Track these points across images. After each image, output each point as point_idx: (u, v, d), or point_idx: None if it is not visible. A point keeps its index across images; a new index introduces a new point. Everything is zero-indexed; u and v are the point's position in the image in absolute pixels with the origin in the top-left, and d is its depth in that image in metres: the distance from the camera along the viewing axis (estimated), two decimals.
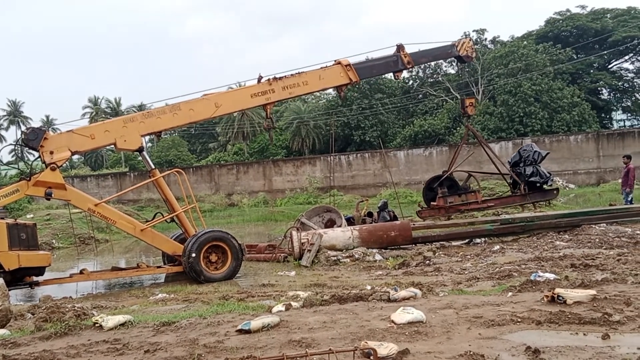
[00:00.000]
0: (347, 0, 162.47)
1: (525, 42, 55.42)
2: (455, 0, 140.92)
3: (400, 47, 14.45)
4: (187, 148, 71.16)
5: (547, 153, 17.39)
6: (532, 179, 16.51)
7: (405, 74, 63.03)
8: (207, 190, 43.87)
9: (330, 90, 69.43)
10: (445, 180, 17.44)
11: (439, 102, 58.03)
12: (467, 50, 15.59)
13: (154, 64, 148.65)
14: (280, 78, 12.85)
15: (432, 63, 60.51)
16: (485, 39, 60.43)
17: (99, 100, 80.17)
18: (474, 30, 58.46)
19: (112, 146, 11.89)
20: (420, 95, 61.17)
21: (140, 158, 13.10)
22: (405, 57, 14.44)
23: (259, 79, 12.76)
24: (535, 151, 16.82)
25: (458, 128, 48.78)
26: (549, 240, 12.69)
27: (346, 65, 13.58)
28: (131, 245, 22.21)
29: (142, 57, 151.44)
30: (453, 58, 16.28)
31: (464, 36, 16.12)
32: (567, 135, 40.27)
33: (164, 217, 12.46)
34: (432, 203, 17.43)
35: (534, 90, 47.97)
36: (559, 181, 35.90)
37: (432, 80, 61.30)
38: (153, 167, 12.44)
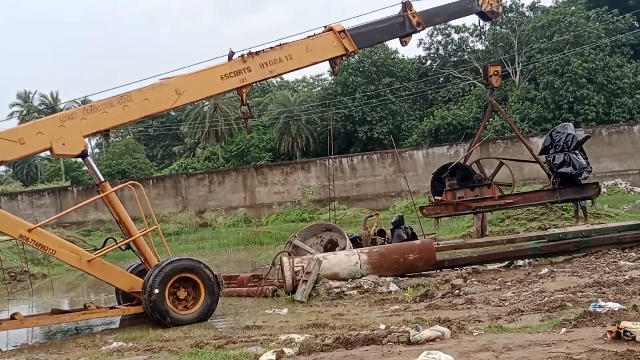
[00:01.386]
0: None
1: (573, 8, 55.71)
2: None
3: (407, 5, 14.53)
4: (145, 154, 71.26)
5: (587, 137, 17.10)
6: (562, 169, 16.28)
7: (421, 50, 63.56)
8: (172, 207, 43.87)
9: (327, 75, 69.93)
10: (458, 170, 17.32)
11: (465, 86, 58.27)
12: (490, 4, 15.72)
13: (101, 48, 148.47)
14: (258, 53, 12.87)
15: (456, 37, 60.87)
16: (522, 4, 60.87)
17: (31, 96, 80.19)
18: None
19: (48, 152, 11.86)
20: (442, 79, 61.42)
21: (85, 167, 13.07)
22: (413, 16, 14.52)
23: (230, 55, 12.77)
24: (569, 134, 16.53)
25: (491, 120, 48.94)
26: (611, 259, 12.71)
27: (340, 32, 13.63)
28: (76, 280, 22.12)
29: (85, 40, 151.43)
30: (475, 15, 16.32)
31: None
32: (630, 125, 40.47)
33: (117, 243, 12.42)
34: (435, 197, 17.44)
35: (586, 68, 48.22)
36: (621, 183, 36.05)
37: (455, 59, 61.54)
38: (102, 179, 12.41)
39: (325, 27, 13.80)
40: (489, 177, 17.70)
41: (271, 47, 13.03)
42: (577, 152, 16.41)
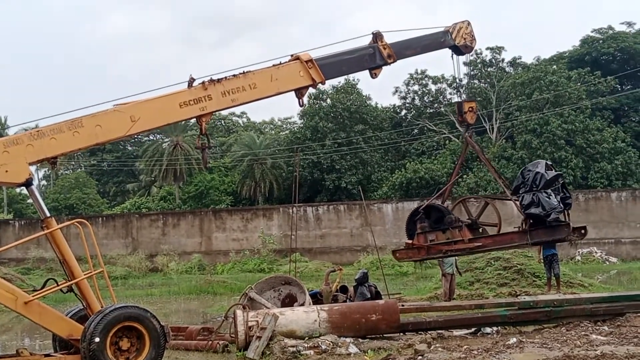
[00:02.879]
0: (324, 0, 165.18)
1: (554, 67, 57.17)
2: (461, 9, 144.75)
3: (377, 36, 14.64)
4: (96, 189, 70.49)
5: (557, 175, 16.66)
6: (530, 210, 16.01)
7: (396, 99, 64.48)
8: (120, 249, 43.31)
9: (296, 119, 70.45)
10: (433, 211, 17.17)
11: (439, 140, 59.07)
12: (464, 38, 15.89)
13: (58, 73, 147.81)
14: (219, 80, 12.84)
15: (433, 88, 61.89)
16: (503, 59, 62.31)
17: None
18: (487, 48, 60.34)
19: None
20: (416, 131, 62.20)
21: (29, 200, 12.84)
22: (384, 48, 14.65)
23: (190, 82, 12.75)
24: (537, 172, 16.31)
25: (465, 176, 49.64)
26: (582, 332, 12.79)
27: (307, 61, 13.68)
28: (10, 323, 21.68)
29: (41, 64, 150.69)
30: (448, 49, 16.42)
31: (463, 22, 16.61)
32: (608, 192, 41.25)
33: (58, 285, 12.18)
34: (406, 242, 17.35)
35: (565, 129, 49.30)
36: (596, 252, 36.55)
37: (431, 110, 62.54)
38: (48, 214, 12.21)
39: (292, 55, 13.85)
40: (474, 217, 17.53)
41: (234, 75, 13.00)
42: (548, 191, 15.99)
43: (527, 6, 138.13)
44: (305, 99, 14.21)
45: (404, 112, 64.36)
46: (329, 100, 59.43)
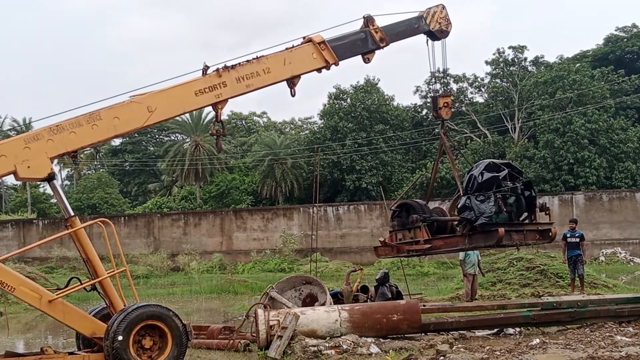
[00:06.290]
0: (344, 1, 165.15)
1: (578, 65, 56.66)
2: (485, 9, 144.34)
3: (369, 20, 14.51)
4: (119, 189, 70.96)
5: (494, 177, 15.04)
6: (463, 214, 15.31)
7: (417, 98, 64.28)
8: (142, 248, 43.57)
9: (317, 118, 70.47)
10: (410, 209, 16.70)
11: (461, 139, 58.74)
12: (439, 23, 15.68)
13: (80, 75, 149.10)
14: (233, 67, 12.85)
15: (454, 87, 61.55)
16: (525, 58, 61.76)
17: (1, 121, 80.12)
18: (510, 47, 59.77)
19: (12, 175, 11.72)
20: (437, 130, 61.81)
21: (53, 200, 12.91)
22: (376, 32, 14.53)
23: (204, 69, 12.79)
24: (471, 175, 15.14)
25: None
26: (607, 333, 12.72)
27: (319, 43, 13.65)
28: (34, 321, 21.86)
29: (63, 66, 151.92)
30: (423, 35, 16.17)
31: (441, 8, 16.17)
32: (633, 192, 40.80)
33: (82, 283, 12.28)
34: (379, 239, 17.19)
35: (588, 129, 48.82)
36: (620, 253, 36.18)
37: (452, 110, 62.09)
38: (72, 213, 12.30)
39: (304, 38, 13.80)
40: (416, 217, 17.03)
41: (247, 61, 13.01)
42: (489, 194, 14.80)
43: (550, 5, 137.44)
44: (296, 90, 14.06)
45: (424, 111, 64.08)
46: (349, 100, 59.36)
